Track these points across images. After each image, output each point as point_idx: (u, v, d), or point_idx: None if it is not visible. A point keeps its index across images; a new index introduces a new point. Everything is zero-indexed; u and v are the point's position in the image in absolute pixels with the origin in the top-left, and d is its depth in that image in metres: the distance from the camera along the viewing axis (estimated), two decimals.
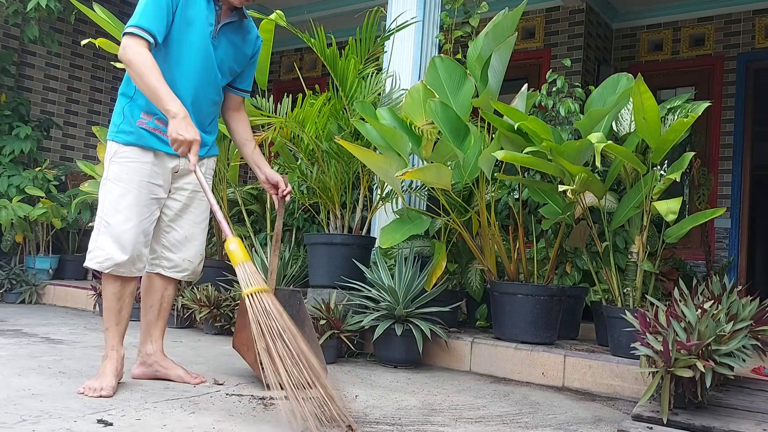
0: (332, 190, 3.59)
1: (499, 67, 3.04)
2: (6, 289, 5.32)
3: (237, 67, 2.58)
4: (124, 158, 2.37)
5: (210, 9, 2.42)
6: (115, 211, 2.33)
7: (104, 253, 2.31)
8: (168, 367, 2.51)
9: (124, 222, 2.32)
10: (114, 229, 2.32)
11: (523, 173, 3.38)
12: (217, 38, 2.45)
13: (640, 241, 2.92)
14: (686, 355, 2.01)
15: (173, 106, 2.23)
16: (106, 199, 2.36)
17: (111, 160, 2.39)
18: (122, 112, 2.41)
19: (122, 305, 2.37)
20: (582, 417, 2.36)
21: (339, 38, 4.64)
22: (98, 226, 2.36)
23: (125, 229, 2.32)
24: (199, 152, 2.30)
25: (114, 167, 2.38)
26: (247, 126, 2.70)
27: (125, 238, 2.31)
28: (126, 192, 2.34)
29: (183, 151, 2.24)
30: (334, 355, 3.14)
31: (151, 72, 2.23)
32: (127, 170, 2.36)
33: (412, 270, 3.20)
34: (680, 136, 2.63)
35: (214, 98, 2.51)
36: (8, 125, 6.01)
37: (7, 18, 5.74)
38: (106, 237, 2.32)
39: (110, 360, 2.31)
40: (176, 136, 2.21)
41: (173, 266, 2.52)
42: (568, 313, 3.45)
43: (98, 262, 2.33)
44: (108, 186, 2.37)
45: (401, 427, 2.04)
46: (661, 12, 6.27)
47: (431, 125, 3.21)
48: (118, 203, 2.34)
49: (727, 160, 5.91)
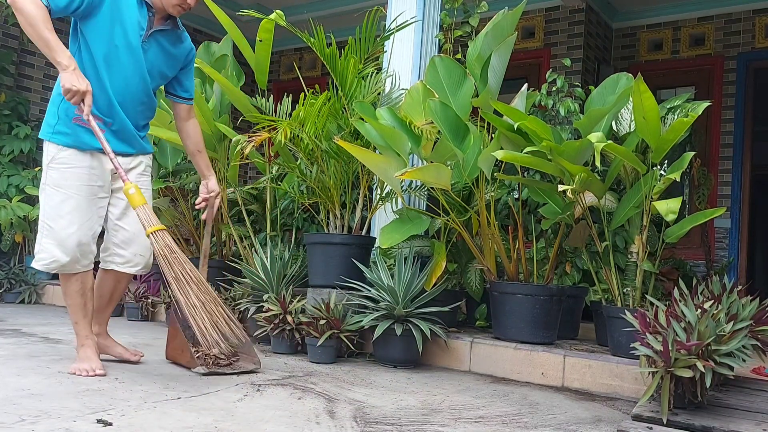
0: (332, 189, 3.59)
1: (498, 66, 3.03)
2: (5, 289, 5.32)
3: (168, 72, 2.68)
4: (62, 164, 2.45)
5: (143, 14, 2.52)
6: (57, 216, 2.43)
7: (49, 255, 2.44)
8: (110, 345, 2.74)
9: (67, 227, 2.43)
10: (57, 234, 2.43)
11: (523, 173, 3.38)
12: (148, 42, 2.55)
13: (640, 241, 2.92)
14: (686, 355, 2.01)
15: (64, 58, 2.33)
16: (47, 204, 2.45)
17: (49, 166, 2.46)
18: (56, 112, 2.47)
19: (86, 299, 2.54)
20: (582, 417, 2.36)
21: (339, 38, 4.63)
22: (41, 229, 2.46)
23: (69, 234, 2.43)
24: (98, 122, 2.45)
25: (53, 173, 2.46)
26: (198, 135, 2.84)
27: (69, 242, 2.43)
28: (66, 198, 2.44)
29: (76, 100, 2.34)
30: (334, 355, 3.14)
31: (44, 22, 2.30)
32: (67, 176, 2.45)
33: (412, 270, 3.19)
34: (680, 135, 2.63)
35: (142, 99, 2.60)
36: (7, 125, 6.00)
37: (6, 18, 5.73)
38: (50, 240, 2.43)
39: (88, 346, 2.51)
40: (69, 86, 2.31)
41: (125, 262, 2.64)
42: (568, 313, 3.44)
43: (44, 265, 2.45)
44: (48, 191, 2.45)
45: (401, 427, 2.04)
46: (661, 12, 6.27)
47: (431, 125, 3.20)
48: (59, 209, 2.43)
49: (727, 160, 5.91)
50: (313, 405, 2.24)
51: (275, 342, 3.30)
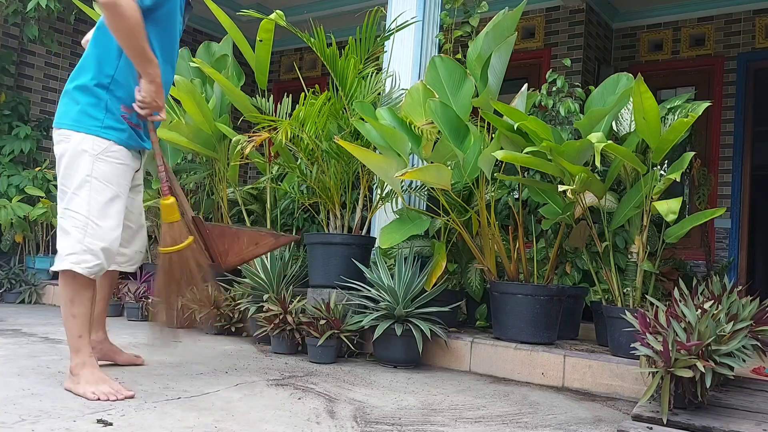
0: (332, 190, 3.59)
1: (499, 66, 3.04)
2: (5, 289, 5.31)
3: None
4: (114, 158, 2.27)
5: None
6: (105, 215, 2.22)
7: (93, 258, 2.19)
8: (115, 351, 2.64)
9: (115, 228, 2.25)
10: (105, 234, 2.22)
11: (523, 173, 3.38)
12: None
13: (640, 241, 2.92)
14: (686, 355, 2.01)
15: (155, 69, 2.22)
16: (94, 200, 2.20)
17: (98, 157, 2.22)
18: (104, 107, 2.24)
19: (92, 308, 2.29)
20: (582, 417, 2.36)
21: (339, 38, 4.64)
22: (83, 226, 2.18)
23: (115, 237, 2.25)
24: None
25: (103, 166, 2.23)
26: None
27: (114, 245, 2.25)
28: (116, 196, 2.26)
29: (148, 113, 2.26)
30: (334, 355, 3.14)
31: (143, 32, 2.15)
32: (117, 173, 2.27)
33: (412, 270, 3.19)
34: (680, 136, 2.63)
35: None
36: (8, 125, 6.00)
37: (6, 18, 5.74)
38: (95, 240, 2.19)
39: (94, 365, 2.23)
40: (151, 100, 2.23)
41: (127, 260, 2.53)
42: (568, 313, 3.45)
43: (87, 268, 2.18)
44: (95, 185, 2.21)
45: (401, 426, 2.04)
46: (661, 12, 6.27)
47: (431, 125, 3.20)
48: (109, 207, 2.24)
49: (727, 160, 5.91)
50: (314, 405, 2.24)
51: (275, 342, 3.30)
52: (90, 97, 2.25)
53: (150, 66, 2.21)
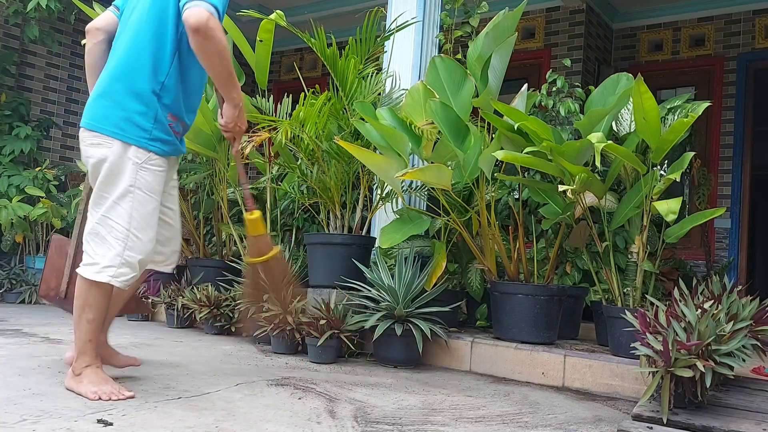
0: (332, 190, 3.59)
1: (499, 67, 3.04)
2: (6, 289, 5.32)
3: None
4: (157, 166, 2.21)
5: None
6: (147, 227, 2.19)
7: (130, 270, 2.17)
8: (112, 354, 2.53)
9: (153, 239, 2.23)
10: (144, 246, 2.19)
11: (523, 173, 3.38)
12: None
13: (640, 241, 2.92)
14: (686, 355, 2.01)
15: (239, 94, 2.19)
16: (138, 212, 2.16)
17: (142, 166, 2.16)
18: (154, 116, 2.17)
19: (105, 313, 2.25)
20: (582, 417, 2.36)
21: (339, 38, 4.64)
22: (124, 239, 2.15)
23: (152, 247, 2.23)
24: None
25: (147, 175, 2.18)
26: None
27: (150, 255, 2.24)
28: (157, 206, 2.23)
29: (230, 136, 2.28)
30: (334, 355, 3.15)
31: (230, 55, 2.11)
32: (159, 181, 2.22)
33: (412, 270, 3.20)
34: (680, 136, 2.63)
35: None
36: (8, 125, 6.01)
37: (7, 18, 5.74)
38: (134, 254, 2.17)
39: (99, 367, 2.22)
40: (233, 126, 2.23)
41: (164, 260, 2.47)
42: (568, 313, 3.45)
43: (124, 281, 2.17)
44: (138, 196, 2.16)
45: (401, 426, 2.04)
46: (661, 12, 6.28)
47: (431, 125, 3.21)
48: (151, 218, 2.20)
49: (727, 160, 5.91)
50: (314, 405, 2.25)
51: (275, 342, 3.31)
52: (140, 105, 2.16)
53: (235, 90, 2.17)
